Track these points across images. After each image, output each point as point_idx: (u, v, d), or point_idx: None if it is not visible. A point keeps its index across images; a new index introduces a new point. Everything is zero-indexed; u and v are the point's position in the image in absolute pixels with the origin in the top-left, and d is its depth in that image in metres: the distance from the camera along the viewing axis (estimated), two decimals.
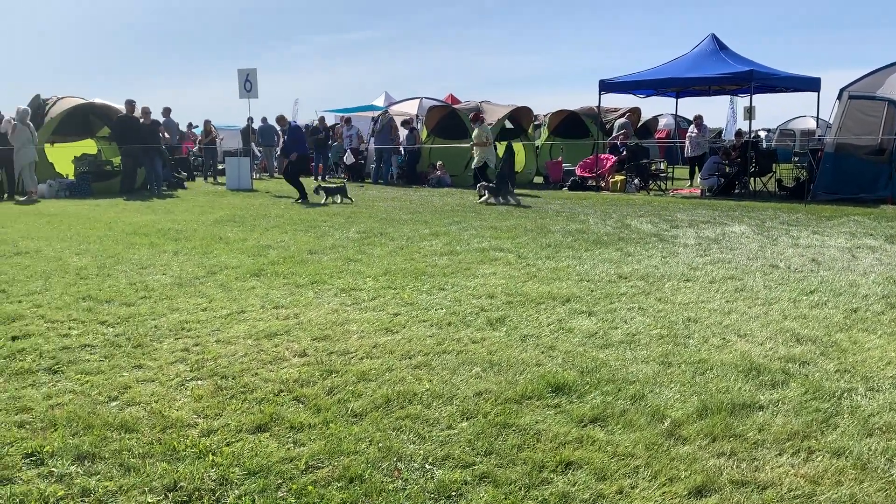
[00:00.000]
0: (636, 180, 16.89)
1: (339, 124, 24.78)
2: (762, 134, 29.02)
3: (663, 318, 5.27)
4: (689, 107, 72.22)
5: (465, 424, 3.43)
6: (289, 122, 16.68)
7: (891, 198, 13.12)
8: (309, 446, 3.20)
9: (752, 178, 16.14)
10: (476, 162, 15.74)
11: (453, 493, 2.82)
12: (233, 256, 7.80)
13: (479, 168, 15.63)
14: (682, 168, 21.95)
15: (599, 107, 18.97)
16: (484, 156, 15.58)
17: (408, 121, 20.27)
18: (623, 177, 16.93)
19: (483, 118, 16.24)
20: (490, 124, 19.12)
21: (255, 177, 20.56)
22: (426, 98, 22.48)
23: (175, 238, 9.16)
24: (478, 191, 14.27)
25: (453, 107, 20.65)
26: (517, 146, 18.83)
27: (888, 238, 9.06)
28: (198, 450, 3.16)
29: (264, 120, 22.71)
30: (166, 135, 19.06)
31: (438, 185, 18.45)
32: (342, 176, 22.09)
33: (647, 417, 3.48)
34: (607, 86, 17.42)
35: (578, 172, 18.18)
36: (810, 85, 16.87)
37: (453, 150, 18.62)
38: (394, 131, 20.07)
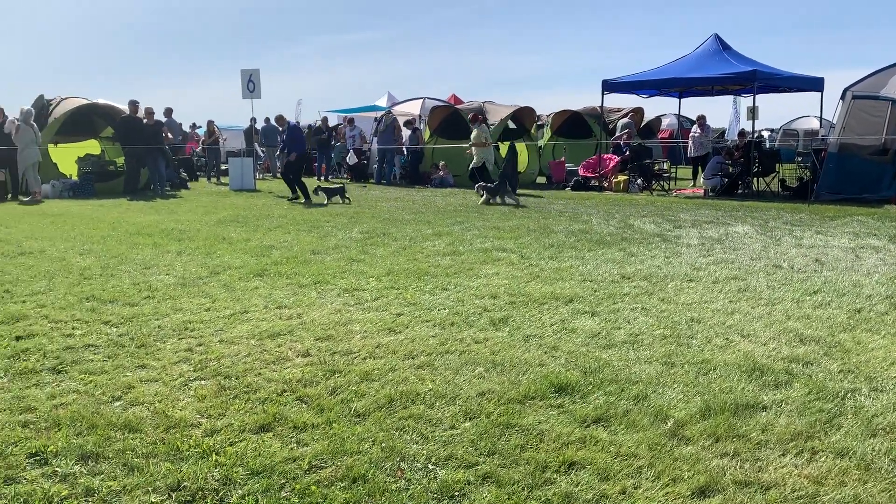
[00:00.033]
0: (639, 180, 16.87)
1: (341, 125, 24.81)
2: (765, 134, 28.98)
3: (666, 318, 5.27)
4: (693, 107, 72.05)
5: (468, 424, 3.43)
6: (287, 121, 16.66)
7: (894, 198, 13.07)
8: (312, 446, 3.20)
9: (755, 179, 16.09)
10: (475, 162, 15.75)
11: (456, 494, 2.82)
12: (236, 256, 7.81)
13: (478, 168, 15.64)
14: (685, 168, 21.90)
15: (602, 107, 18.96)
16: (483, 156, 15.59)
17: (411, 121, 20.27)
18: (626, 177, 16.91)
19: (481, 119, 16.24)
20: (493, 124, 19.15)
21: (258, 177, 20.57)
22: (429, 98, 22.47)
23: (178, 238, 9.18)
24: (476, 191, 14.31)
25: (456, 107, 20.65)
26: (520, 146, 18.82)
27: (892, 238, 9.04)
28: (201, 450, 3.16)
29: (267, 120, 22.73)
30: (170, 135, 19.09)
31: (441, 185, 18.45)
32: (345, 176, 22.10)
33: (651, 418, 3.48)
34: (610, 86, 17.39)
35: (581, 172, 18.17)
36: (814, 85, 16.85)
37: (456, 151, 18.63)
38: (397, 131, 20.07)
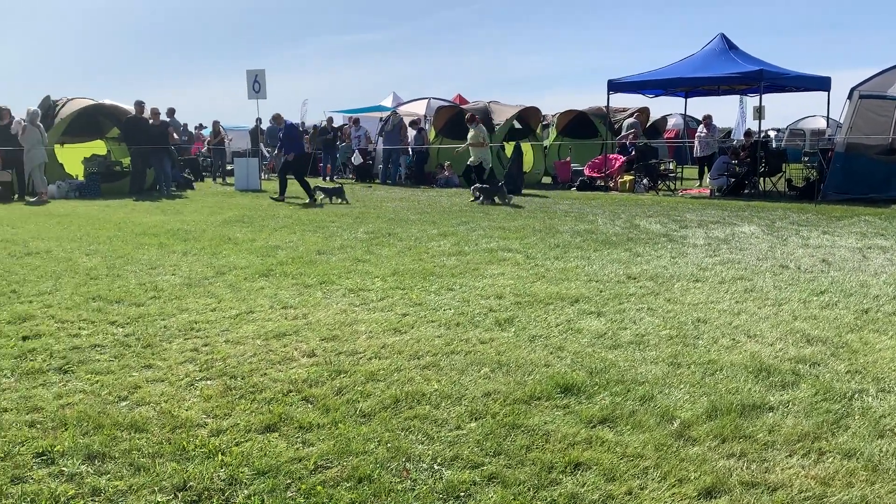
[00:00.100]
0: (645, 180, 16.84)
1: (346, 125, 24.85)
2: (772, 134, 28.90)
3: (672, 318, 5.25)
4: (699, 107, 71.87)
5: (473, 425, 3.42)
6: (284, 120, 16.47)
7: None
8: (318, 446, 3.20)
9: (761, 178, 16.05)
10: (472, 161, 15.73)
11: (462, 494, 2.82)
12: (241, 257, 7.82)
13: (476, 168, 15.63)
14: (691, 168, 21.86)
15: (608, 107, 18.92)
16: (480, 156, 15.58)
17: (416, 121, 20.28)
18: (632, 177, 16.89)
19: (478, 119, 16.22)
20: (498, 124, 19.15)
21: (263, 177, 20.62)
22: (434, 98, 22.48)
23: (184, 238, 9.20)
24: (472, 192, 14.32)
25: (461, 107, 20.63)
26: (525, 146, 18.82)
27: None
28: (207, 450, 3.16)
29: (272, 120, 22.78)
30: (175, 135, 19.14)
31: (446, 185, 18.45)
32: (350, 176, 22.13)
33: (657, 418, 3.47)
34: (616, 86, 17.36)
35: (587, 172, 18.16)
36: (820, 84, 16.77)
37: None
38: (403, 132, 20.08)
